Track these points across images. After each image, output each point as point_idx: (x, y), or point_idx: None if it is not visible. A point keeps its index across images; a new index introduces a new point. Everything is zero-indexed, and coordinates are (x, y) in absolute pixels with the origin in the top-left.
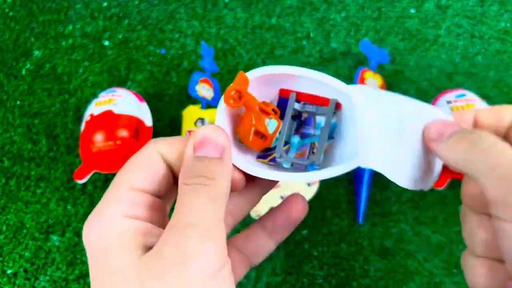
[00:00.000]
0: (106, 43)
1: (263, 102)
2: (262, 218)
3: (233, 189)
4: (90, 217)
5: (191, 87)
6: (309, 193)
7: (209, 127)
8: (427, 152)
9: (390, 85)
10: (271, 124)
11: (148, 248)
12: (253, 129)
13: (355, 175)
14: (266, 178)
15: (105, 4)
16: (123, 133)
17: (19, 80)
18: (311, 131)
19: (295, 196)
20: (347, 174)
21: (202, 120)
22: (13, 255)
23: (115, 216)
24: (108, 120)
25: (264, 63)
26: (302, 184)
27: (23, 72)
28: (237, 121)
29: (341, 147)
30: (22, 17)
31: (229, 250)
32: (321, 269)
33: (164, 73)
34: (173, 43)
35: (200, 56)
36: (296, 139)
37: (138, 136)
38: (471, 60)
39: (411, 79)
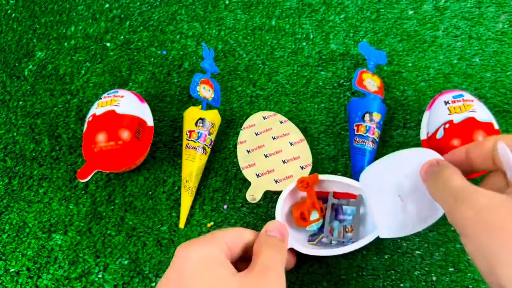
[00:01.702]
0: (108, 44)
1: (319, 200)
2: None
3: (287, 266)
4: (187, 244)
5: (192, 88)
6: (303, 175)
7: (276, 222)
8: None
9: (388, 86)
10: (314, 215)
11: (235, 271)
12: (301, 211)
13: (354, 174)
14: (319, 255)
15: (106, 5)
16: (125, 133)
17: (21, 80)
18: (341, 217)
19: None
20: (346, 172)
21: (202, 120)
22: (16, 254)
23: (212, 248)
24: (110, 120)
25: (264, 64)
26: (295, 168)
27: (26, 72)
28: (296, 201)
29: (364, 225)
30: (24, 19)
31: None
32: (320, 267)
33: (165, 74)
34: (174, 44)
35: (201, 57)
36: (336, 224)
37: (140, 136)
38: (469, 61)
39: (409, 80)
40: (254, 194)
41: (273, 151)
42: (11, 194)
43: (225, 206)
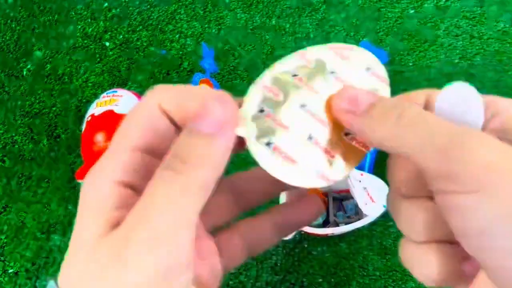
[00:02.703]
0: (107, 43)
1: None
2: (273, 211)
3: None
4: (89, 172)
5: None
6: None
7: (215, 93)
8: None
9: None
10: None
11: (115, 224)
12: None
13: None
14: (325, 233)
15: (105, 4)
16: None
17: (20, 80)
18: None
19: (312, 198)
20: None
21: None
22: (15, 254)
23: (105, 179)
24: (109, 120)
25: (264, 64)
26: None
27: (24, 72)
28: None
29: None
30: (23, 18)
31: (231, 236)
32: (320, 268)
33: (165, 74)
34: (174, 43)
35: (200, 56)
36: (340, 215)
37: None
38: (470, 60)
39: (410, 80)
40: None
41: None
42: (9, 194)
43: None
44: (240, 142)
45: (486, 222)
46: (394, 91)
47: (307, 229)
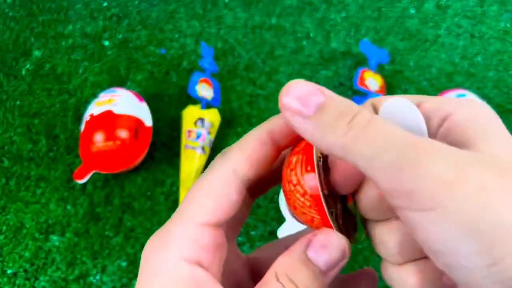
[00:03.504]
0: (106, 43)
1: None
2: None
3: None
4: (155, 242)
5: (190, 87)
6: None
7: (334, 233)
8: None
9: (390, 85)
10: None
11: None
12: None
13: None
14: None
15: (105, 4)
16: (123, 133)
17: (19, 80)
18: None
19: (370, 270)
20: None
21: (202, 120)
22: (13, 255)
23: (175, 257)
24: (108, 120)
25: (264, 63)
26: None
27: (23, 72)
28: None
29: None
30: (22, 17)
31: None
32: None
33: (164, 73)
34: (173, 43)
35: (200, 56)
36: None
37: (138, 136)
38: (471, 60)
39: (411, 79)
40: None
41: None
42: (8, 194)
43: None
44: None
45: (444, 241)
46: (395, 91)
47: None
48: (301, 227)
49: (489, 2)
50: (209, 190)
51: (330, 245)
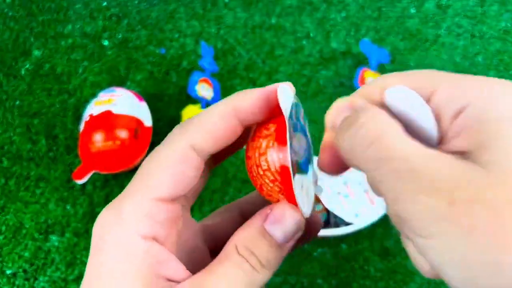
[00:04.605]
0: (106, 43)
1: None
2: None
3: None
4: (107, 215)
5: (190, 87)
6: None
7: (290, 206)
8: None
9: None
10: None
11: (155, 277)
12: None
13: None
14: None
15: (104, 4)
16: (123, 133)
17: (18, 80)
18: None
19: (317, 216)
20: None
21: None
22: (13, 255)
23: (131, 233)
24: (107, 120)
25: (264, 63)
26: None
27: (23, 72)
28: None
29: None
30: (21, 17)
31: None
32: (321, 269)
33: (164, 73)
34: (173, 43)
35: (200, 56)
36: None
37: (138, 136)
38: (471, 60)
39: None
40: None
41: None
42: (7, 195)
43: None
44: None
45: (440, 267)
46: None
47: None
48: None
49: (490, 1)
50: (166, 164)
51: (286, 218)
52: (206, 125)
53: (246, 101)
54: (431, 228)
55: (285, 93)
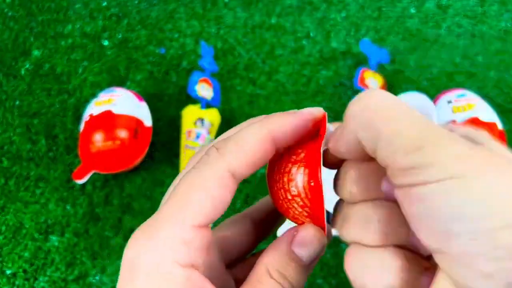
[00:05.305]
0: (106, 43)
1: None
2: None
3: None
4: (140, 239)
5: (190, 87)
6: None
7: (312, 230)
8: None
9: (390, 85)
10: None
11: None
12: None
13: None
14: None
15: (104, 3)
16: (122, 133)
17: (18, 80)
18: None
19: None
20: None
21: (201, 120)
22: (13, 255)
23: (169, 260)
24: (107, 120)
25: (264, 63)
26: None
27: (22, 72)
28: None
29: None
30: (21, 17)
31: (248, 268)
32: (321, 269)
33: (164, 73)
34: (173, 42)
35: (199, 55)
36: None
37: (138, 136)
38: (472, 60)
39: (411, 79)
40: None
41: None
42: (7, 195)
43: None
44: None
45: (457, 206)
46: (396, 91)
47: None
48: None
49: (490, 1)
50: (205, 190)
51: (313, 241)
52: (244, 149)
53: (284, 126)
54: (459, 166)
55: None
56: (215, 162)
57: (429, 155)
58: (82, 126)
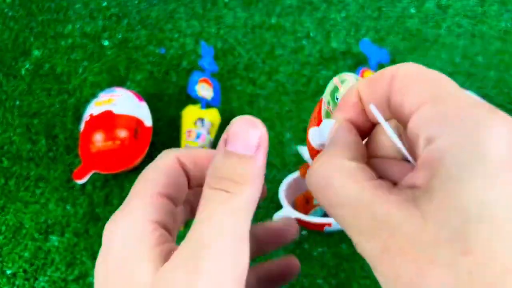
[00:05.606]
0: (106, 43)
1: None
2: (254, 226)
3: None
4: (114, 216)
5: (190, 87)
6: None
7: (244, 118)
8: None
9: None
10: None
11: (164, 259)
12: (304, 194)
13: None
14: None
15: (104, 4)
16: (123, 133)
17: (18, 80)
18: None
19: (293, 220)
20: None
21: (201, 120)
22: (13, 255)
23: (141, 219)
24: (108, 120)
25: (264, 63)
26: None
27: (23, 72)
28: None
29: None
30: (21, 17)
31: None
32: (321, 269)
33: (164, 73)
34: (173, 42)
35: (199, 55)
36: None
37: (138, 136)
38: (472, 60)
39: None
40: None
41: None
42: (7, 195)
43: None
44: None
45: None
46: None
47: (303, 217)
48: (295, 214)
49: (490, 1)
50: (155, 169)
51: (244, 131)
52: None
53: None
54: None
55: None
56: (166, 152)
57: (356, 246)
58: (82, 126)
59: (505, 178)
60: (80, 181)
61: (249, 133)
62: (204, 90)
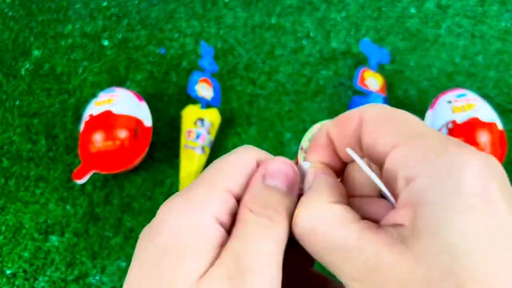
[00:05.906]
0: (106, 43)
1: None
2: None
3: None
4: (175, 203)
5: (190, 87)
6: None
7: (282, 161)
8: None
9: (390, 85)
10: None
11: (210, 263)
12: None
13: None
14: None
15: (104, 3)
16: (122, 133)
17: (18, 80)
18: None
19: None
20: None
21: (201, 120)
22: (12, 255)
23: (203, 215)
24: (107, 120)
25: (264, 63)
26: None
27: (22, 72)
28: None
29: None
30: (21, 17)
31: None
32: (321, 269)
33: (164, 73)
34: (173, 42)
35: (199, 55)
36: None
37: (137, 136)
38: (472, 60)
39: (411, 79)
40: None
41: None
42: (7, 195)
43: None
44: None
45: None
46: (395, 91)
47: None
48: None
49: (490, 1)
50: (234, 165)
51: (283, 168)
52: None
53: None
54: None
55: None
56: (242, 151)
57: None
58: (82, 126)
59: (483, 210)
60: (80, 181)
61: (290, 173)
62: (204, 90)
